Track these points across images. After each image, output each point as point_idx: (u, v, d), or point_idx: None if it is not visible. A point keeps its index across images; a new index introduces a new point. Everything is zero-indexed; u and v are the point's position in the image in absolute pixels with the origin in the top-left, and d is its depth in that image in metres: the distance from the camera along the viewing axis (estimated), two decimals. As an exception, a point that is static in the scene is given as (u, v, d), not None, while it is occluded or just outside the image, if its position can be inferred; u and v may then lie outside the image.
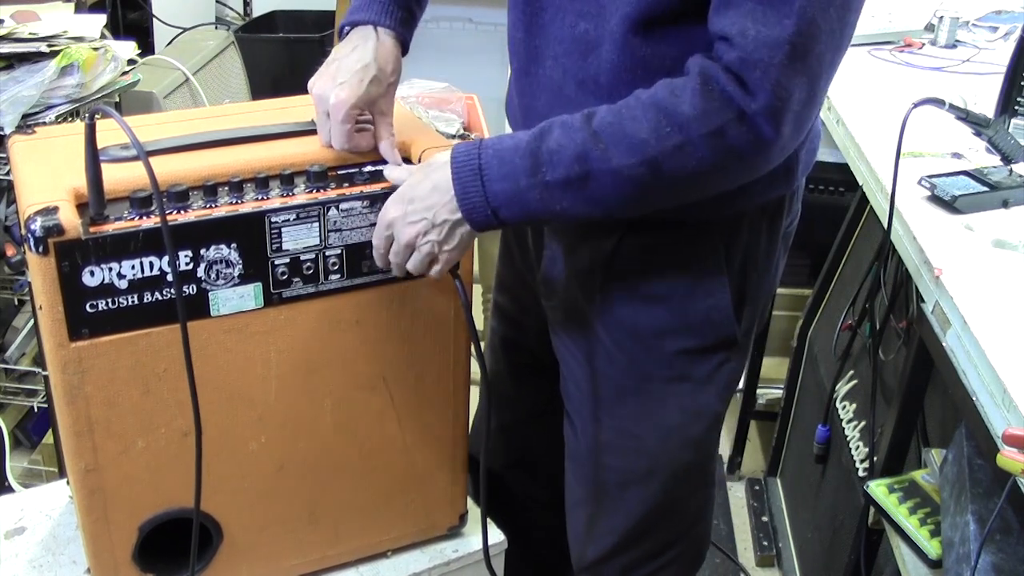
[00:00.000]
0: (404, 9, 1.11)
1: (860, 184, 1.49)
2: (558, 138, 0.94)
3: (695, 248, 1.08)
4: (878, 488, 1.32)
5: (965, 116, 1.29)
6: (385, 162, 1.07)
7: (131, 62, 1.89)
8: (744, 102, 0.88)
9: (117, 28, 2.69)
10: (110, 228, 0.92)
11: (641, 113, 0.92)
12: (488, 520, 1.21)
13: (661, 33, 0.97)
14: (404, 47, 1.11)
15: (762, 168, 0.96)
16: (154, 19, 3.01)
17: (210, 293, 0.99)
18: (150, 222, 0.93)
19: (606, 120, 0.93)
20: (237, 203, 0.98)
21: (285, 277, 1.01)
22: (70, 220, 0.89)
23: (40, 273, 0.90)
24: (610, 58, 1.00)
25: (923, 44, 1.94)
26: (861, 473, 1.64)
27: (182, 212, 0.95)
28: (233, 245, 0.98)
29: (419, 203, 0.99)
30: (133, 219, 0.93)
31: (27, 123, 1.64)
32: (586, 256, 1.12)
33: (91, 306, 0.93)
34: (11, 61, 1.68)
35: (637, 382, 1.15)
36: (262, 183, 1.00)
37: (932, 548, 1.22)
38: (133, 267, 0.94)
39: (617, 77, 1.00)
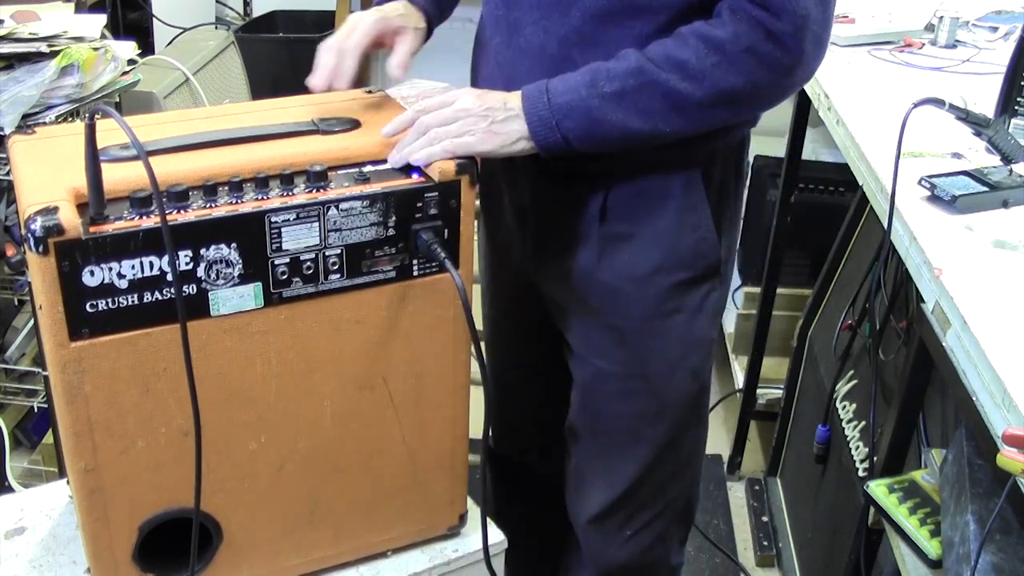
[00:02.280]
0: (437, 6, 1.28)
1: (860, 184, 1.49)
2: (614, 63, 1.08)
3: (678, 187, 1.19)
4: (878, 488, 1.32)
5: (965, 116, 1.29)
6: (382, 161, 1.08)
7: (131, 62, 1.89)
8: (770, 22, 1.03)
9: (117, 28, 2.69)
10: (110, 228, 0.92)
11: (683, 41, 1.06)
12: (488, 520, 1.21)
13: None
14: (429, 30, 1.28)
15: (792, 86, 1.10)
16: (154, 19, 3.01)
17: (210, 293, 0.99)
18: (150, 222, 0.93)
19: (654, 48, 1.07)
20: (237, 203, 0.98)
21: (285, 277, 1.02)
22: (70, 220, 0.89)
23: (40, 273, 0.90)
24: (592, 4, 1.11)
25: (923, 44, 1.94)
26: (861, 473, 1.64)
27: (182, 212, 0.95)
28: (233, 245, 0.98)
29: (490, 97, 1.10)
30: (133, 219, 0.93)
31: (27, 123, 1.64)
32: (578, 215, 1.21)
33: (91, 306, 0.93)
34: (11, 61, 1.68)
35: (638, 322, 1.24)
36: (262, 183, 1.00)
37: (932, 548, 1.22)
38: (133, 267, 0.94)
39: (599, 25, 1.12)
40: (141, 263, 0.94)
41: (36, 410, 1.97)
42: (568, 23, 1.12)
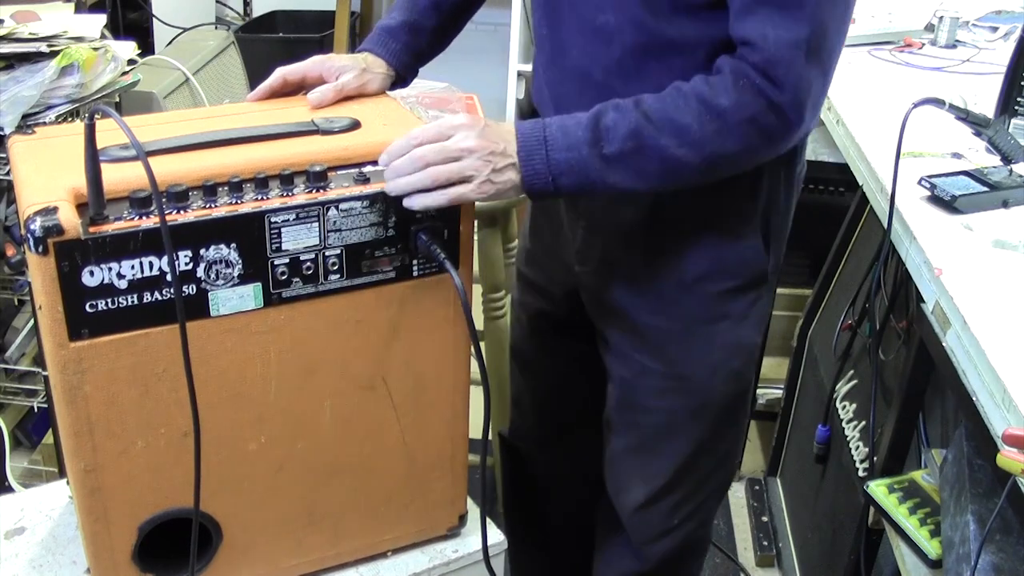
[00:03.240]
0: (401, 43, 1.29)
1: (860, 184, 1.49)
2: (613, 118, 1.06)
3: (727, 198, 1.20)
4: (878, 488, 1.32)
5: (965, 116, 1.29)
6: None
7: (131, 62, 1.89)
8: (773, 94, 1.03)
9: (117, 28, 2.69)
10: (110, 228, 0.92)
11: (684, 103, 1.06)
12: (488, 520, 1.21)
13: (677, 17, 1.10)
14: (401, 78, 1.29)
15: (785, 148, 1.12)
16: (154, 19, 3.01)
17: (210, 293, 0.99)
18: (150, 222, 0.93)
19: (654, 106, 1.06)
20: (237, 203, 0.98)
21: (285, 277, 1.01)
22: (70, 220, 0.89)
23: (40, 273, 0.90)
24: (632, 41, 1.12)
25: (923, 44, 1.94)
26: (861, 473, 1.64)
27: (181, 212, 0.95)
28: (233, 245, 0.98)
29: (491, 134, 1.06)
30: (133, 219, 0.93)
31: (27, 123, 1.64)
32: (628, 218, 1.22)
33: (91, 306, 0.93)
34: (11, 61, 1.68)
35: (683, 325, 1.26)
36: (261, 183, 1.00)
37: (932, 548, 1.22)
38: (133, 267, 0.94)
39: (639, 59, 1.13)
40: (141, 263, 0.94)
41: (36, 410, 1.97)
42: (610, 55, 1.14)
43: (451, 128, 1.05)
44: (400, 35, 1.29)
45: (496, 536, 1.26)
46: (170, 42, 2.77)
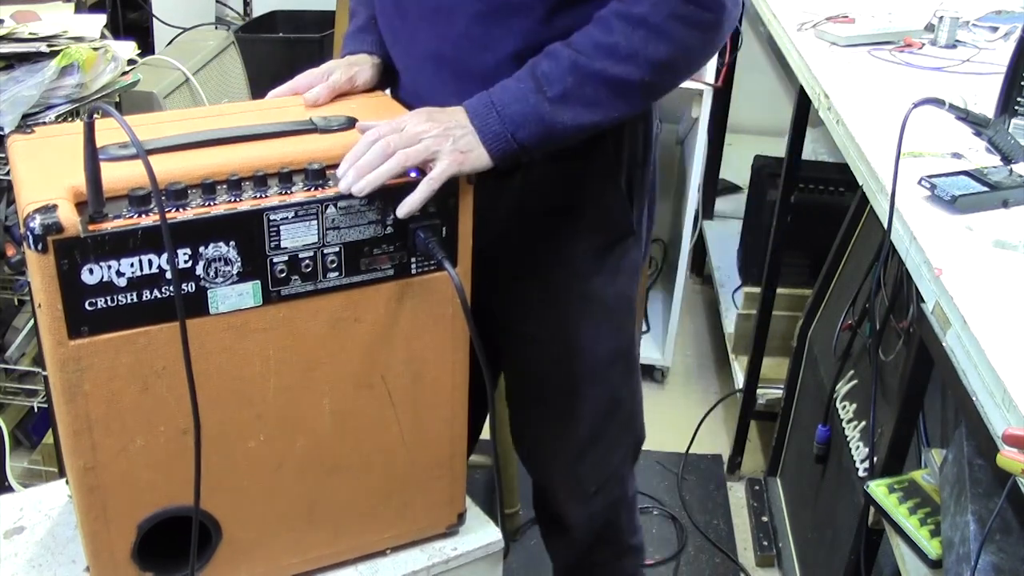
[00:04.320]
0: (377, 34, 1.30)
1: (860, 184, 1.49)
2: (547, 63, 1.09)
3: (591, 158, 1.24)
4: (878, 488, 1.32)
5: (965, 116, 1.29)
6: None
7: (131, 62, 1.89)
8: None
9: (117, 28, 2.69)
10: (109, 226, 0.92)
11: (605, 25, 1.09)
12: (486, 519, 1.21)
13: None
14: (390, 67, 1.30)
15: (720, 39, 1.14)
16: (154, 19, 3.01)
17: (209, 291, 0.99)
18: (149, 220, 0.93)
19: (579, 40, 1.09)
20: (236, 201, 0.98)
21: (284, 275, 1.01)
22: (69, 218, 0.90)
23: (39, 271, 0.90)
24: (472, 11, 1.14)
25: (923, 44, 1.94)
26: (861, 473, 1.64)
27: (181, 210, 0.95)
28: (232, 243, 0.98)
29: (439, 115, 1.09)
30: (132, 217, 0.93)
31: (27, 123, 1.64)
32: (497, 190, 1.22)
33: (90, 304, 0.93)
34: (11, 61, 1.68)
35: (560, 287, 1.31)
36: (260, 181, 1.00)
37: (932, 548, 1.21)
38: (132, 265, 0.94)
39: (482, 28, 1.15)
40: (140, 261, 0.94)
41: (36, 410, 1.97)
42: (455, 30, 1.16)
43: (400, 121, 1.07)
44: (371, 29, 1.31)
45: (494, 535, 1.26)
46: (170, 42, 2.76)
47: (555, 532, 1.60)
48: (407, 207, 1.04)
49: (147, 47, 2.83)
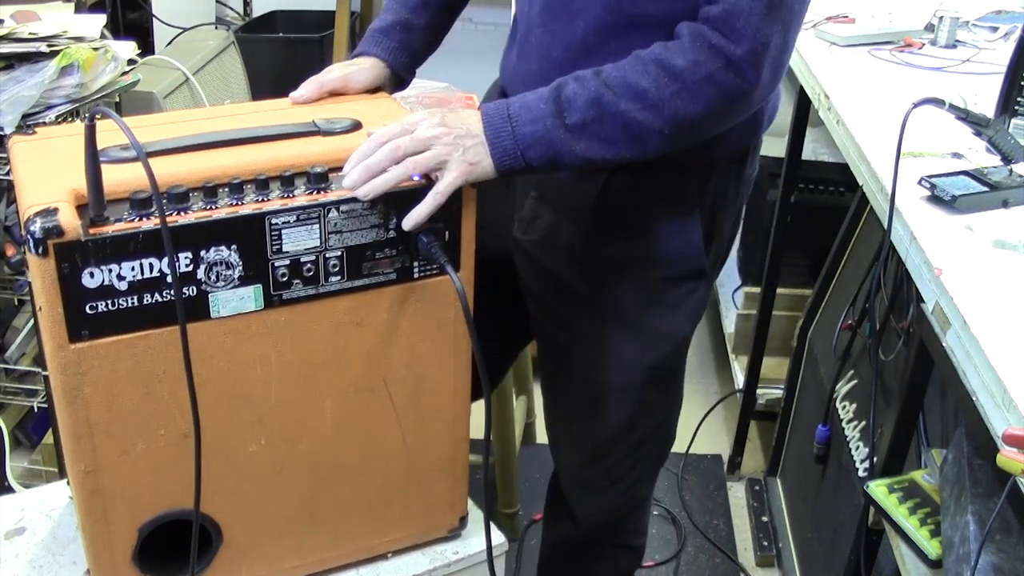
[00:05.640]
0: (396, 41, 1.30)
1: (860, 184, 1.49)
2: (574, 88, 1.08)
3: (674, 189, 1.24)
4: (878, 488, 1.32)
5: (965, 116, 1.29)
6: None
7: (131, 62, 1.89)
8: (729, 50, 1.04)
9: (117, 28, 2.69)
10: (110, 229, 0.92)
11: (642, 68, 1.07)
12: (490, 522, 1.21)
13: None
14: (397, 74, 1.31)
15: (747, 110, 1.12)
16: (154, 19, 3.01)
17: (210, 295, 0.99)
18: (150, 223, 0.93)
19: (613, 74, 1.08)
20: (237, 204, 0.98)
21: (285, 279, 1.01)
22: (70, 221, 0.89)
23: (40, 274, 0.90)
24: (597, 18, 1.14)
25: (923, 44, 1.94)
26: (861, 473, 1.64)
27: (182, 213, 0.95)
28: (233, 247, 0.97)
29: (452, 120, 1.07)
30: (133, 220, 0.93)
31: (27, 123, 1.64)
32: (577, 193, 1.24)
33: (91, 308, 0.93)
34: (11, 61, 1.68)
35: (615, 306, 1.30)
36: (262, 184, 1.00)
37: (932, 548, 1.21)
38: (133, 268, 0.94)
39: (602, 37, 1.15)
40: (141, 265, 0.94)
41: (36, 410, 1.97)
42: (573, 32, 1.16)
43: (411, 123, 1.06)
44: (393, 33, 1.30)
45: (498, 538, 1.26)
46: (170, 42, 2.76)
47: (560, 516, 1.61)
48: (413, 220, 1.03)
49: (147, 47, 2.83)
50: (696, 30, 1.06)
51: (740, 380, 2.45)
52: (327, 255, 1.02)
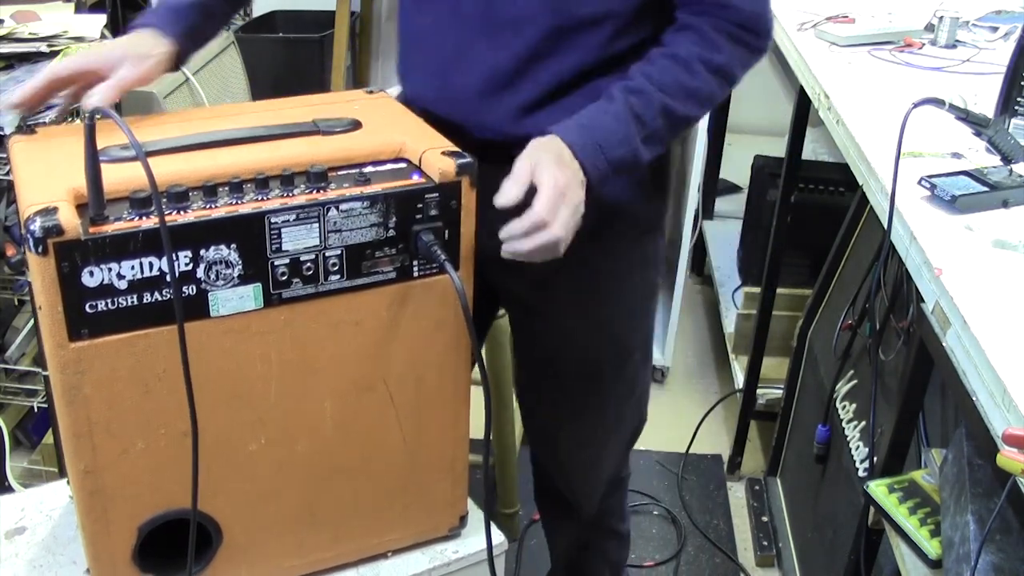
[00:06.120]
0: (188, 24, 1.22)
1: (860, 184, 1.49)
2: (638, 102, 1.15)
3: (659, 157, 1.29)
4: (878, 488, 1.32)
5: (965, 116, 1.29)
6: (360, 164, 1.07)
7: (131, 62, 1.88)
8: (758, 43, 1.20)
9: (117, 28, 2.69)
10: (109, 229, 0.92)
11: (687, 68, 1.16)
12: (490, 522, 1.21)
13: None
14: (180, 58, 1.22)
15: None
16: (154, 19, 3.00)
17: (210, 294, 0.99)
18: (149, 223, 0.93)
19: (665, 80, 1.16)
20: (237, 204, 0.98)
21: (285, 278, 1.01)
22: (70, 220, 0.89)
23: (40, 273, 0.90)
24: (548, 25, 1.17)
25: (923, 44, 1.94)
26: (861, 473, 1.64)
27: (181, 213, 0.95)
28: (233, 246, 0.97)
29: (571, 177, 1.10)
30: (133, 220, 0.93)
31: (27, 123, 1.64)
32: None
33: (91, 307, 0.93)
34: (11, 61, 1.68)
35: (602, 280, 1.35)
36: (262, 183, 1.00)
37: (932, 548, 1.21)
38: (133, 268, 0.94)
39: (552, 41, 1.18)
40: (141, 264, 0.94)
41: (36, 410, 1.97)
42: (521, 42, 1.18)
43: (563, 190, 1.07)
44: (187, 14, 1.22)
45: (498, 537, 1.26)
46: (170, 42, 2.76)
47: (561, 516, 1.63)
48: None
49: (147, 47, 2.82)
50: (721, 26, 1.17)
51: (740, 380, 2.45)
52: (327, 254, 1.02)
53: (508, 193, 1.05)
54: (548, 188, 1.05)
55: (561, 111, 1.16)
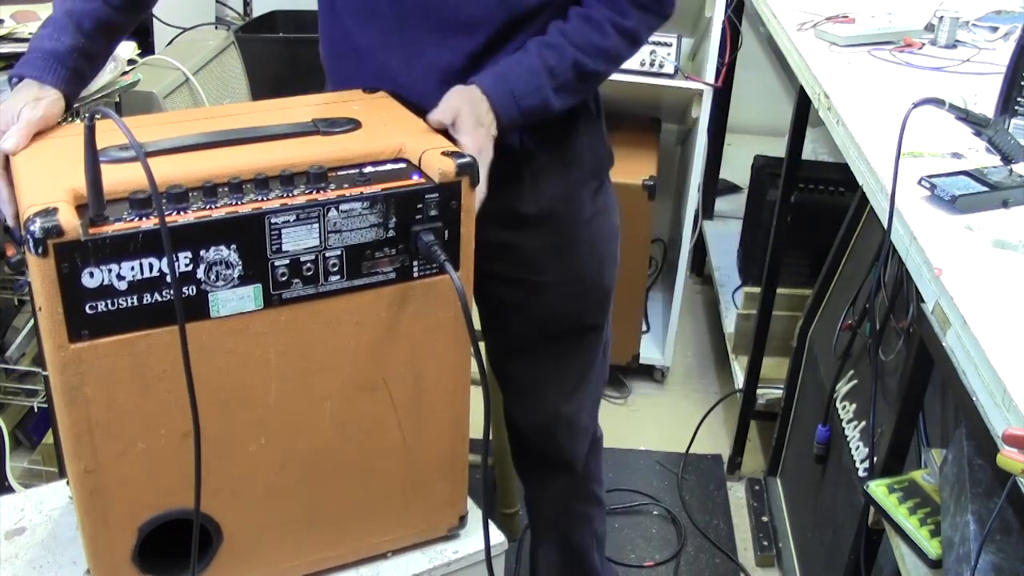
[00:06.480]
0: (70, 69, 1.19)
1: (860, 184, 1.49)
2: (552, 56, 1.25)
3: (578, 116, 1.39)
4: (878, 488, 1.32)
5: (965, 116, 1.29)
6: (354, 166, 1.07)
7: (131, 62, 1.89)
8: (665, 11, 1.33)
9: (117, 28, 2.68)
10: (109, 229, 0.92)
11: (599, 29, 1.27)
12: (489, 521, 1.21)
13: None
14: (69, 102, 1.20)
15: None
16: (154, 19, 3.01)
17: (210, 294, 0.99)
18: (149, 223, 0.93)
19: (578, 38, 1.26)
20: (237, 204, 0.98)
21: (285, 278, 1.01)
22: (69, 221, 0.89)
23: (40, 274, 0.90)
24: (501, 21, 1.25)
25: (923, 44, 1.94)
26: (861, 473, 1.64)
27: (181, 213, 0.95)
28: (233, 246, 0.97)
29: (483, 112, 1.22)
30: (132, 220, 0.93)
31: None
32: (501, 157, 1.26)
33: (91, 307, 0.93)
34: (11, 61, 1.68)
35: (571, 233, 1.43)
36: (262, 184, 1.00)
37: (932, 548, 1.22)
38: (132, 268, 0.94)
39: (503, 36, 1.26)
40: (140, 264, 0.94)
41: (36, 410, 1.97)
42: (474, 41, 1.26)
43: (478, 117, 1.20)
44: (68, 61, 1.19)
45: (497, 537, 1.26)
46: (170, 42, 2.76)
47: (547, 481, 1.67)
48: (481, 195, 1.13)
49: (147, 47, 2.82)
50: (639, 1, 1.29)
51: (740, 380, 2.45)
52: (327, 254, 1.02)
53: None
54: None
55: None
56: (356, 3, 1.33)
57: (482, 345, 1.54)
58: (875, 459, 1.49)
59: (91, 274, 0.92)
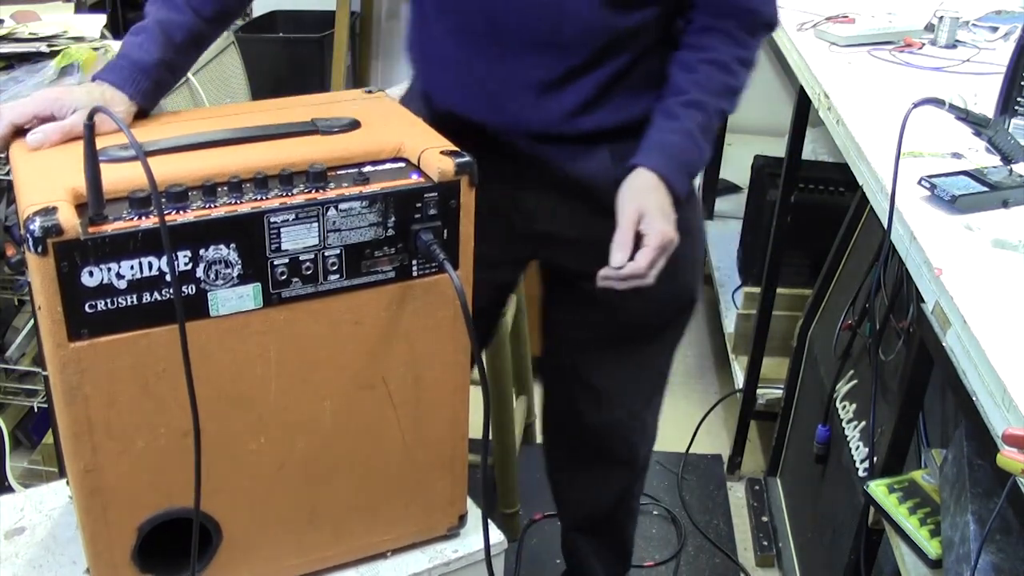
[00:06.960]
0: (153, 81, 1.19)
1: (860, 184, 1.49)
2: (701, 116, 1.28)
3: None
4: (878, 488, 1.32)
5: (965, 116, 1.29)
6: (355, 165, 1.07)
7: (131, 62, 1.88)
8: (770, 34, 1.37)
9: (117, 28, 2.69)
10: (109, 228, 0.92)
11: (730, 69, 1.30)
12: (488, 520, 1.21)
13: (632, 11, 1.26)
14: (144, 113, 1.21)
15: None
16: (154, 19, 3.00)
17: (209, 293, 0.99)
18: (149, 222, 0.93)
19: (713, 84, 1.29)
20: (236, 203, 0.98)
21: (284, 277, 1.01)
22: (69, 220, 0.89)
23: (39, 273, 0.90)
24: (598, 43, 1.26)
25: (923, 44, 1.94)
26: (861, 473, 1.64)
27: (181, 212, 0.95)
28: (232, 245, 0.97)
29: (669, 210, 1.23)
30: (132, 219, 0.93)
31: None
32: (593, 167, 1.33)
33: (90, 306, 0.93)
34: (11, 61, 1.68)
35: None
36: (261, 183, 1.00)
37: (932, 548, 1.21)
38: (132, 267, 0.94)
39: (597, 57, 1.27)
40: (140, 263, 0.94)
41: (36, 410, 1.97)
42: (573, 59, 1.26)
43: (666, 235, 1.19)
44: (153, 73, 1.19)
45: (496, 536, 1.26)
46: (170, 42, 2.76)
47: (608, 478, 1.70)
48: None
49: (147, 47, 2.82)
50: (754, 30, 1.31)
51: (740, 380, 2.45)
52: (326, 253, 1.02)
53: (616, 260, 1.17)
54: (653, 247, 1.17)
55: (604, 112, 1.30)
56: (452, 19, 1.31)
57: (483, 350, 1.56)
58: (875, 459, 1.49)
59: (91, 273, 0.92)
